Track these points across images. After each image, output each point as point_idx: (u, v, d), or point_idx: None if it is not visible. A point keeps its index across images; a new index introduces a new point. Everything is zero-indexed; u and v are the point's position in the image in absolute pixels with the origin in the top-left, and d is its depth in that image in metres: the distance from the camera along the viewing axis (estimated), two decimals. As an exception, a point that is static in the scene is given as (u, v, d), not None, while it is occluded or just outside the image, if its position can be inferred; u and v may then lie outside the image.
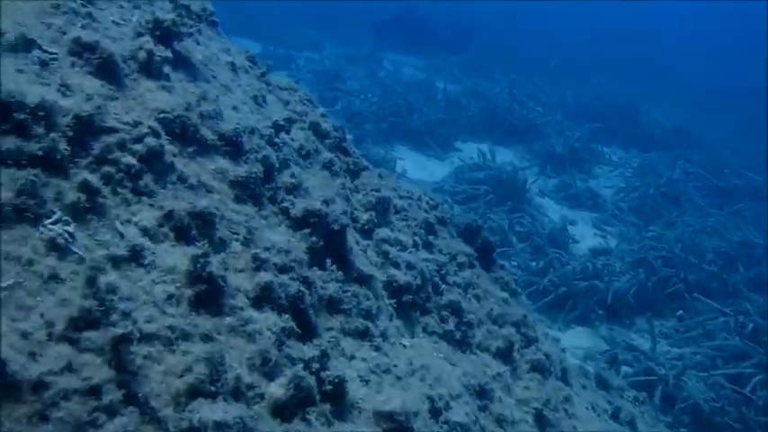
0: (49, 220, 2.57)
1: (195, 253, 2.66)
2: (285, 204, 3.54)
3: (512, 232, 11.10)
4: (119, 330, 2.18)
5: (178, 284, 2.63)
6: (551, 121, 17.50)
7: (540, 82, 21.43)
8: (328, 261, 3.30)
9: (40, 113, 2.78)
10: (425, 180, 13.12)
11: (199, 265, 2.63)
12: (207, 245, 2.72)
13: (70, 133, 2.88)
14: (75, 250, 2.52)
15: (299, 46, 23.21)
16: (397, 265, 3.74)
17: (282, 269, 2.92)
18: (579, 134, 16.56)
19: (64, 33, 3.50)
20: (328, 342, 2.88)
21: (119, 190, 2.92)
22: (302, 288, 2.85)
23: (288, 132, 4.16)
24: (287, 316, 2.72)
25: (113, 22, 3.88)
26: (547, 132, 16.71)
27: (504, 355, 3.82)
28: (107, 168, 2.93)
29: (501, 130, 16.77)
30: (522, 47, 27.48)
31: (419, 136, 15.17)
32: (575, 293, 9.48)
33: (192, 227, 2.95)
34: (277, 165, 3.71)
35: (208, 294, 2.62)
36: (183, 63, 4.02)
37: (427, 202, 5.14)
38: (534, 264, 10.31)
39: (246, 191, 3.39)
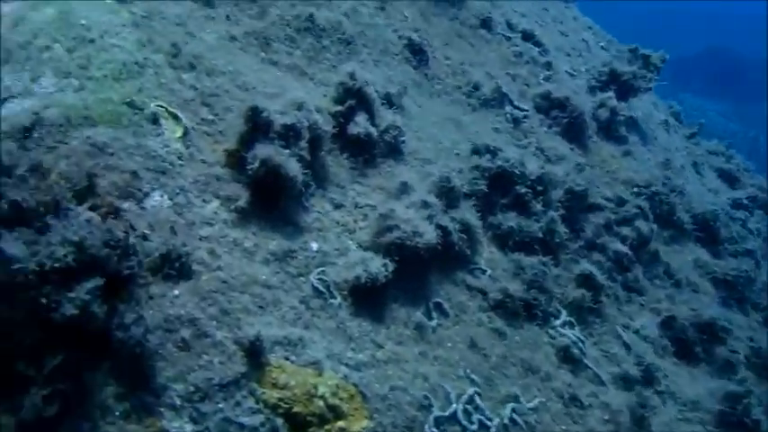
0: (558, 321, 2.19)
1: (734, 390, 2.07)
2: (772, 315, 2.82)
3: None
4: None
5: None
6: None
7: None
8: None
9: (539, 188, 2.42)
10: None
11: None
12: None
13: (561, 211, 2.49)
14: (591, 366, 2.10)
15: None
16: None
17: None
18: None
19: (527, 86, 3.18)
20: None
21: (610, 284, 2.47)
22: None
23: (752, 214, 3.44)
24: None
25: (566, 72, 3.48)
26: None
27: None
28: (597, 256, 2.50)
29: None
30: None
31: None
32: None
33: (698, 342, 2.38)
34: (756, 261, 3.00)
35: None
36: (632, 121, 3.50)
37: None
38: None
39: (734, 293, 2.75)
